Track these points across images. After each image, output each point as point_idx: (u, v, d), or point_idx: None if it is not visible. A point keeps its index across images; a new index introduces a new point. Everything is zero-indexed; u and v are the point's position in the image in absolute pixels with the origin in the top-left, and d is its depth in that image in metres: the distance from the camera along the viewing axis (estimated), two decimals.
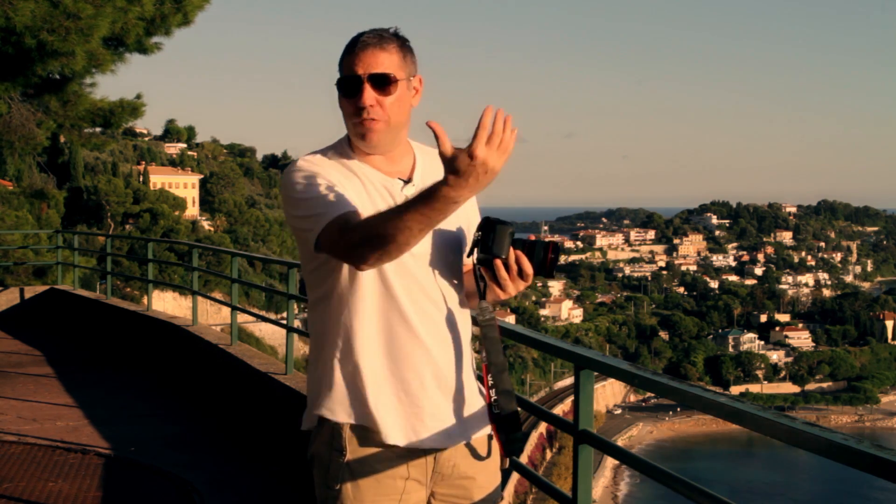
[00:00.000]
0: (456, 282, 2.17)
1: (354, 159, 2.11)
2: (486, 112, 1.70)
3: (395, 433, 2.06)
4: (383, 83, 2.01)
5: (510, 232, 2.06)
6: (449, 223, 2.12)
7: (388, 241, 1.85)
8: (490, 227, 2.06)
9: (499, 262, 2.06)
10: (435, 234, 2.08)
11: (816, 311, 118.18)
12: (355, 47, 2.03)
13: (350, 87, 2.02)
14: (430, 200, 1.77)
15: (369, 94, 2.01)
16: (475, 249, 2.07)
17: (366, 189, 2.07)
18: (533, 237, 2.14)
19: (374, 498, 2.07)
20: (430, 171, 2.15)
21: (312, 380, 2.16)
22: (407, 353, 2.06)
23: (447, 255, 2.13)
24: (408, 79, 2.07)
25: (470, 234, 2.18)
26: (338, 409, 2.09)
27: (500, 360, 2.12)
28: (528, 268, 2.07)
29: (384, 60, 2.02)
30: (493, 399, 2.10)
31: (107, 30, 9.18)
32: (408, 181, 2.11)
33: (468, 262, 2.17)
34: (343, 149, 2.13)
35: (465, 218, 2.20)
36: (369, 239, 1.87)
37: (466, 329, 2.18)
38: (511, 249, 2.06)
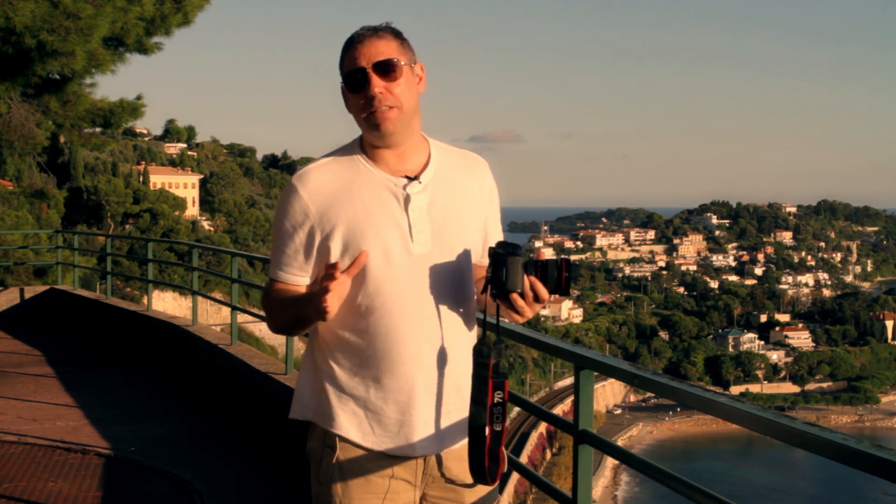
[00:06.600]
0: (462, 286, 2.12)
1: (362, 162, 2.08)
2: None
3: (382, 441, 2.07)
4: (388, 69, 2.01)
5: (522, 263, 2.00)
6: (460, 222, 2.10)
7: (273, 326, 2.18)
8: (501, 262, 1.99)
9: (515, 296, 2.01)
10: (439, 236, 2.07)
11: (816, 311, 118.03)
12: (353, 43, 2.04)
13: (356, 81, 2.02)
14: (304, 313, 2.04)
15: (377, 83, 2.00)
16: (489, 287, 2.01)
17: (364, 200, 2.04)
18: (543, 256, 2.04)
19: (362, 496, 2.09)
20: (445, 169, 2.13)
21: (302, 379, 2.19)
22: (396, 361, 2.05)
23: (452, 257, 2.09)
24: (410, 64, 2.06)
25: (486, 233, 2.17)
26: (325, 416, 2.11)
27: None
28: (544, 293, 2.02)
29: (383, 48, 2.02)
30: (493, 402, 2.05)
31: (107, 30, 9.17)
32: (414, 178, 2.08)
33: (483, 261, 2.12)
34: (352, 151, 2.11)
35: (480, 217, 2.17)
36: (268, 317, 2.18)
37: (470, 333, 2.14)
38: (525, 276, 2.01)
